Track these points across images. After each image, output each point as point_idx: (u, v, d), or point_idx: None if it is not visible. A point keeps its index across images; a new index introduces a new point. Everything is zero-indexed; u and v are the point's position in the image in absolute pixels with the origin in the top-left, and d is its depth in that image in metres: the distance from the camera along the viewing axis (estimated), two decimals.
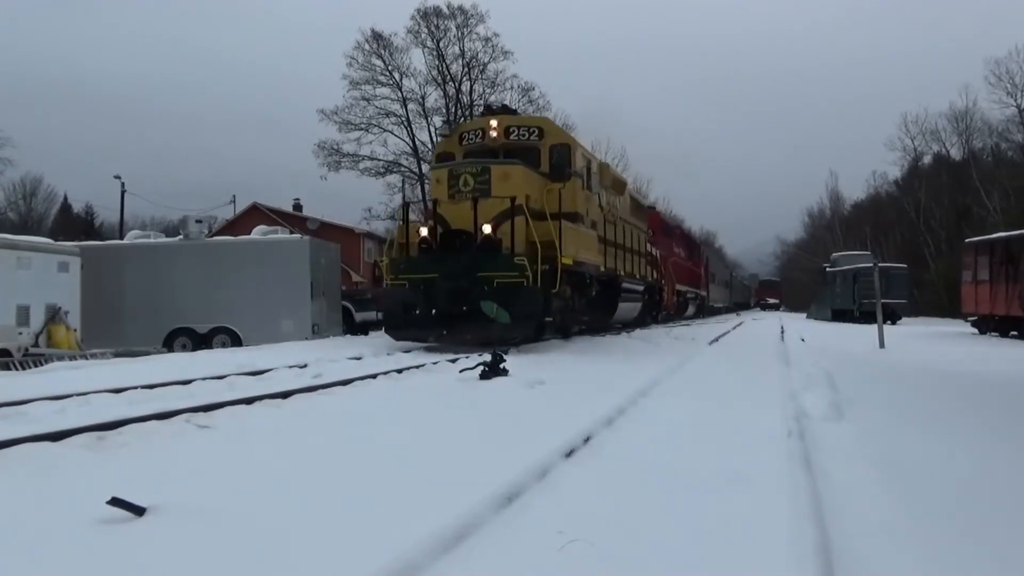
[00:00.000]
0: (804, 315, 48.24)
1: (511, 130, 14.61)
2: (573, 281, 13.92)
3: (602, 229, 16.33)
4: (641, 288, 21.26)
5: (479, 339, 11.83)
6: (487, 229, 12.22)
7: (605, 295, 17.05)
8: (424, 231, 13.13)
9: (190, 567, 2.72)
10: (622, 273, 18.14)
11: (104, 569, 2.70)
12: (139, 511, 3.17)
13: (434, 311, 12.21)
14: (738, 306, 70.31)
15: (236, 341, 17.90)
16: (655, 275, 24.27)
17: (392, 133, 38.24)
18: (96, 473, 3.91)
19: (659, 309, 26.15)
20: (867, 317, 27.81)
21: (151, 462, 4.21)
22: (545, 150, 14.53)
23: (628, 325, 20.87)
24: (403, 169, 38.74)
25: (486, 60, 38.62)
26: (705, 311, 43.47)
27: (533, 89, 38.44)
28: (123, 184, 40.88)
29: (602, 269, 15.99)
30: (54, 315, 16.88)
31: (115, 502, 3.16)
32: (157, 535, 2.99)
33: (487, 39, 38.45)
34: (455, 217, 12.87)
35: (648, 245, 23.04)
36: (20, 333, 16.06)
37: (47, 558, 2.76)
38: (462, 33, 38.62)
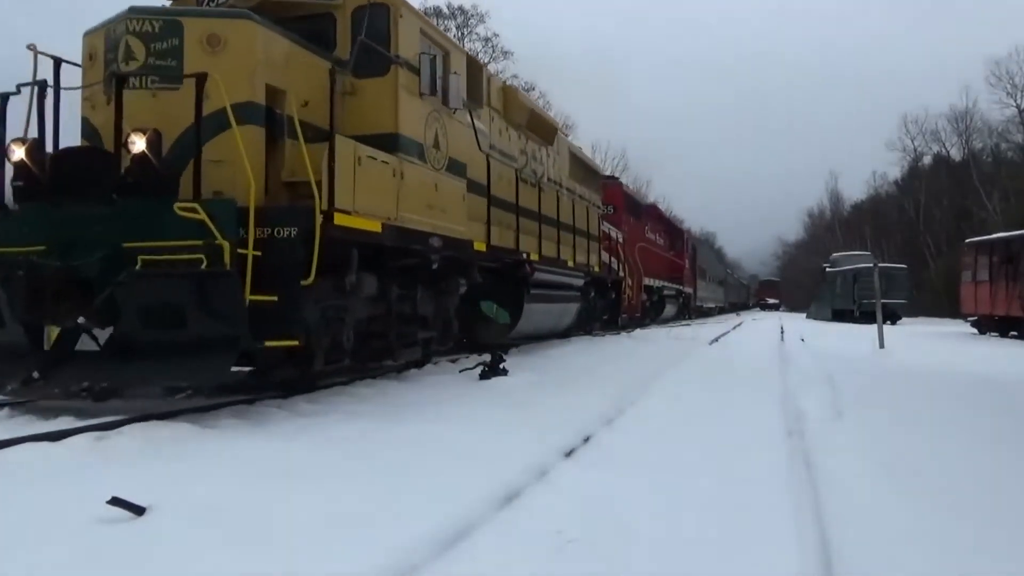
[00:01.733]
0: (804, 315, 48.26)
1: None
2: (387, 266, 7.46)
3: (486, 179, 10.11)
4: (579, 282, 15.05)
5: (111, 390, 6.18)
6: (138, 145, 5.64)
7: (497, 293, 10.64)
8: (19, 153, 6.05)
9: (190, 567, 2.72)
10: (534, 258, 11.75)
11: (104, 569, 2.70)
12: (139, 511, 3.18)
13: (29, 323, 5.83)
14: (735, 306, 69.93)
15: None
16: (614, 264, 19.03)
17: None
18: (96, 473, 3.91)
19: (616, 310, 20.05)
20: (867, 317, 27.82)
21: (151, 462, 4.21)
22: (345, 17, 7.54)
23: (558, 335, 14.99)
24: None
25: (486, 60, 38.73)
26: (691, 312, 37.46)
27: (533, 89, 38.63)
28: None
29: (483, 248, 9.77)
30: None
31: (115, 502, 3.16)
32: (157, 535, 2.99)
33: (487, 39, 38.65)
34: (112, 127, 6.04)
35: (603, 224, 17.99)
36: None
37: (48, 558, 2.76)
38: (462, 33, 38.84)
